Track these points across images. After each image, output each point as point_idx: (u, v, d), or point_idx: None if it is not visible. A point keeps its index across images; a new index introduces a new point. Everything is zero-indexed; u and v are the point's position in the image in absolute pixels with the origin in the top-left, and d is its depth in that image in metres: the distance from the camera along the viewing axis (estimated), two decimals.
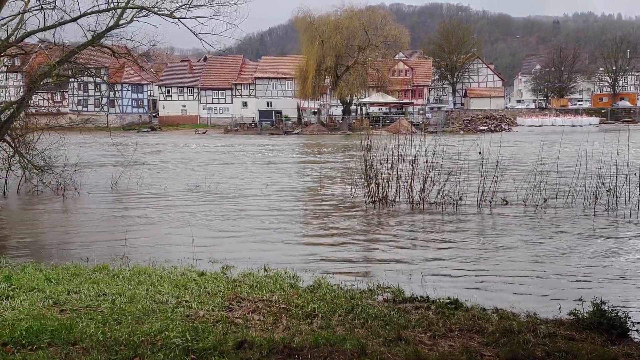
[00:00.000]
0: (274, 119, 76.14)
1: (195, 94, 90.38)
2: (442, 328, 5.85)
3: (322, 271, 8.77)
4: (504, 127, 66.63)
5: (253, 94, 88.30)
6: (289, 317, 6.14)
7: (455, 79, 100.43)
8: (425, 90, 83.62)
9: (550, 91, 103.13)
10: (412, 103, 76.66)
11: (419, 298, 7.14)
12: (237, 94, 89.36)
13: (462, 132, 61.41)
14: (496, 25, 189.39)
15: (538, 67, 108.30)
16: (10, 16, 19.71)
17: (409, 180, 15.61)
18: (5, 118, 19.95)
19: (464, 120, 69.62)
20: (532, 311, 6.67)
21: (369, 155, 15.60)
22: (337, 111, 76.92)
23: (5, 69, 28.06)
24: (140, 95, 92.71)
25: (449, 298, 7.01)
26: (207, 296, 6.88)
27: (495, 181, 15.03)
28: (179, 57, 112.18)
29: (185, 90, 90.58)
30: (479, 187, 15.08)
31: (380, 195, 15.65)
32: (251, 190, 19.79)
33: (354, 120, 69.40)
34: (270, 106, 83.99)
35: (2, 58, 21.30)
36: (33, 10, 19.08)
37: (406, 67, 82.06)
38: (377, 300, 7.11)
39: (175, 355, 4.87)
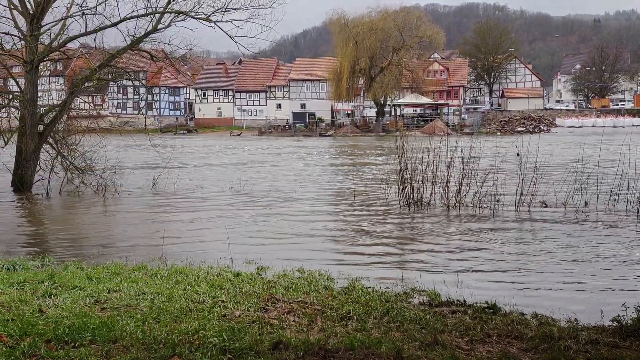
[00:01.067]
0: (307, 120, 76.40)
1: (230, 97, 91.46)
2: (480, 333, 5.74)
3: (357, 273, 8.74)
4: (542, 128, 65.17)
5: (287, 96, 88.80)
6: (324, 318, 6.13)
7: (492, 79, 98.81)
8: (461, 90, 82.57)
9: (591, 91, 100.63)
10: (448, 104, 75.77)
11: (456, 302, 7.03)
12: (272, 96, 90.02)
13: (498, 133, 60.31)
14: (534, 25, 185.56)
15: (578, 66, 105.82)
16: (53, 22, 20.44)
17: (445, 182, 15.43)
18: (49, 121, 20.64)
19: (500, 121, 68.44)
20: (572, 317, 6.49)
21: (404, 156, 15.48)
22: (371, 112, 76.64)
23: (48, 73, 28.97)
24: (177, 98, 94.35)
25: (486, 302, 6.89)
26: (242, 296, 6.93)
27: (534, 183, 14.71)
28: (215, 60, 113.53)
29: (221, 92, 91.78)
30: (517, 190, 14.79)
31: (415, 197, 15.53)
32: (286, 191, 19.89)
33: (387, 122, 69.06)
34: (304, 108, 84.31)
35: (45, 62, 22.01)
36: (75, 16, 19.73)
37: (441, 67, 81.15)
38: (412, 303, 7.03)
39: (213, 355, 4.92)
